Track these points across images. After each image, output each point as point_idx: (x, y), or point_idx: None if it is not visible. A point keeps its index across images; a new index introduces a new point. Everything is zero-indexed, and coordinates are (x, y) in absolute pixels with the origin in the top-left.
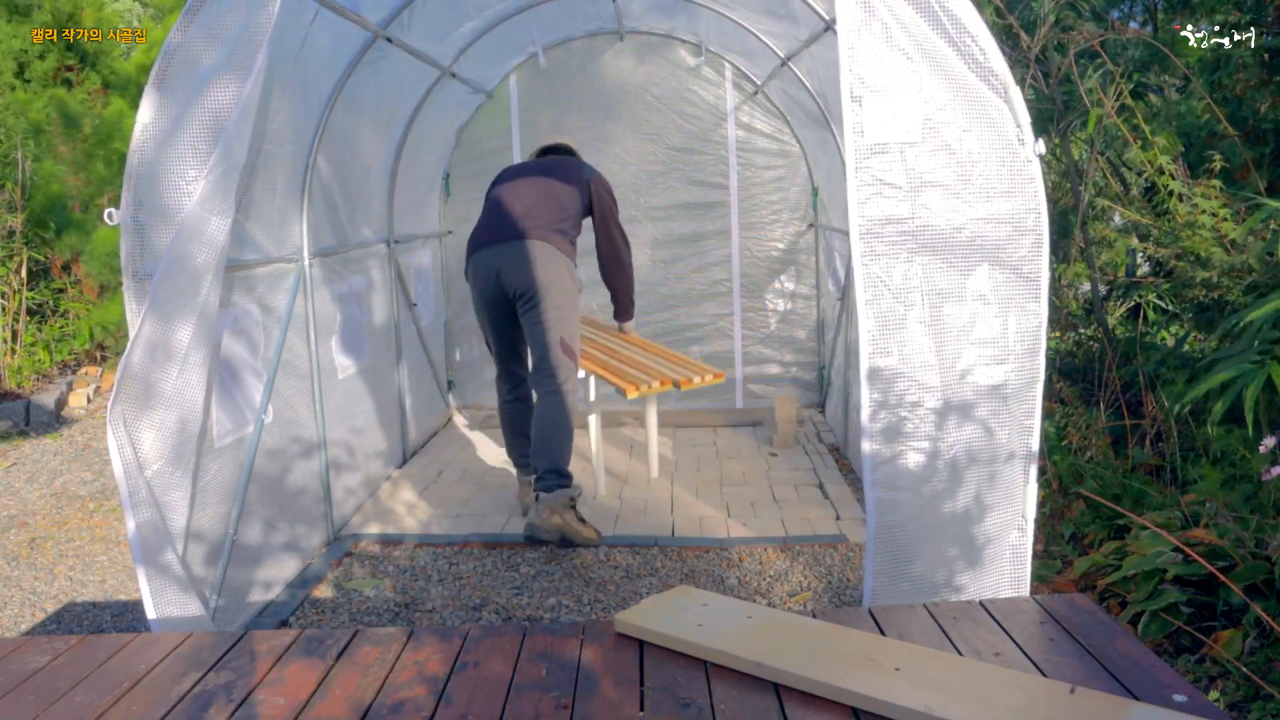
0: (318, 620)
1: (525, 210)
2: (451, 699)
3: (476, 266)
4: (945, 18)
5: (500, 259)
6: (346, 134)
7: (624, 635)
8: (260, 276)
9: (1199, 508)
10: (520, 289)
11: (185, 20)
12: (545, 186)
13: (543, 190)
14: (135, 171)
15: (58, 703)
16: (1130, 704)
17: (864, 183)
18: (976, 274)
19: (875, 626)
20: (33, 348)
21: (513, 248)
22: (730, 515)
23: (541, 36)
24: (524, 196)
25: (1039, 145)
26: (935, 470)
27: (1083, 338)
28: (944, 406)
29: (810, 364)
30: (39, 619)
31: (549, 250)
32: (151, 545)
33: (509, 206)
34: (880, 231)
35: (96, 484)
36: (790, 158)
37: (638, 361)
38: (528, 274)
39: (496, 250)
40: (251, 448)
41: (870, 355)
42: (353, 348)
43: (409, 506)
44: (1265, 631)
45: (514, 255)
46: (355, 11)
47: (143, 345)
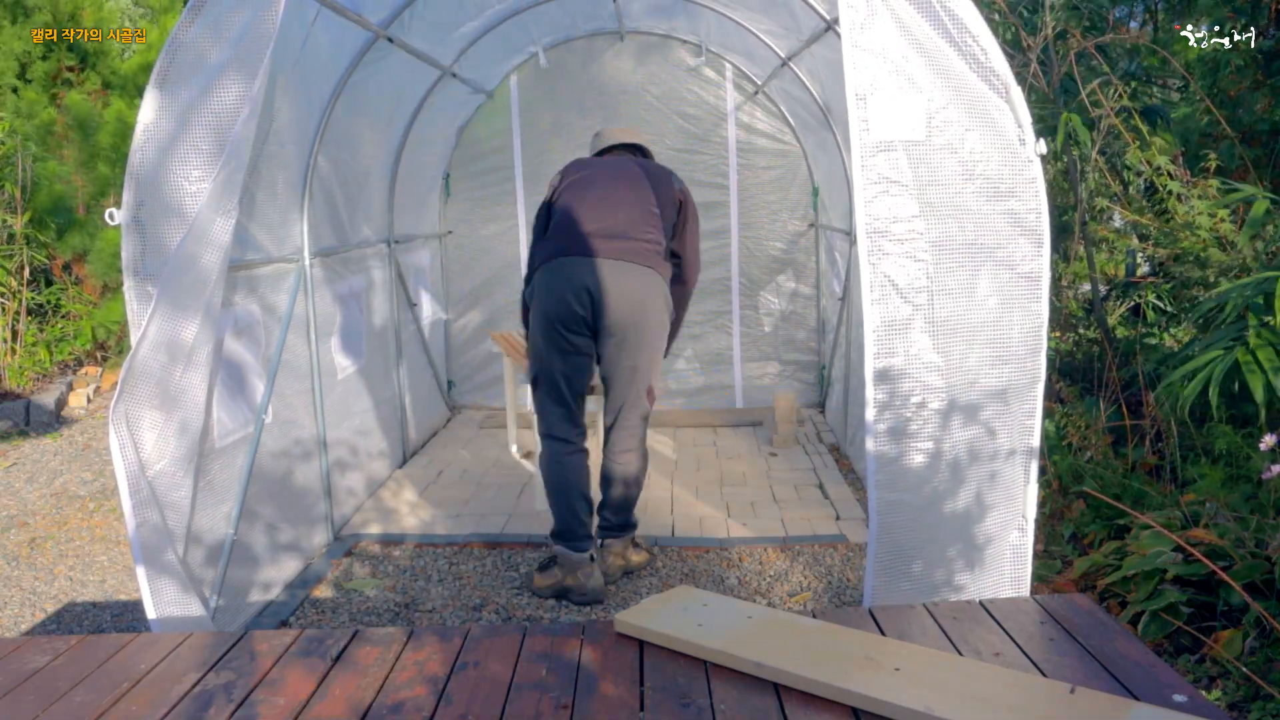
0: (318, 620)
1: (629, 223)
2: (451, 699)
3: (557, 278)
4: (947, 17)
5: (598, 277)
6: (347, 134)
7: (624, 635)
8: (261, 276)
9: (1199, 507)
10: (617, 321)
11: (188, 19)
12: (644, 196)
13: (644, 201)
14: (137, 171)
15: (58, 703)
16: (1130, 704)
17: (870, 180)
18: (978, 274)
19: (875, 626)
20: (33, 348)
21: (618, 269)
22: (730, 515)
23: (542, 36)
24: (624, 205)
25: (1040, 145)
26: (937, 470)
27: (1082, 338)
28: (947, 407)
29: (810, 364)
30: (39, 619)
31: (657, 281)
32: (152, 545)
33: (605, 213)
34: (887, 230)
35: (96, 484)
36: (790, 158)
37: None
38: (632, 305)
39: (593, 266)
40: (252, 448)
41: (875, 355)
42: (353, 348)
43: (409, 506)
44: (1265, 631)
45: (619, 279)
46: (356, 11)
47: (148, 345)
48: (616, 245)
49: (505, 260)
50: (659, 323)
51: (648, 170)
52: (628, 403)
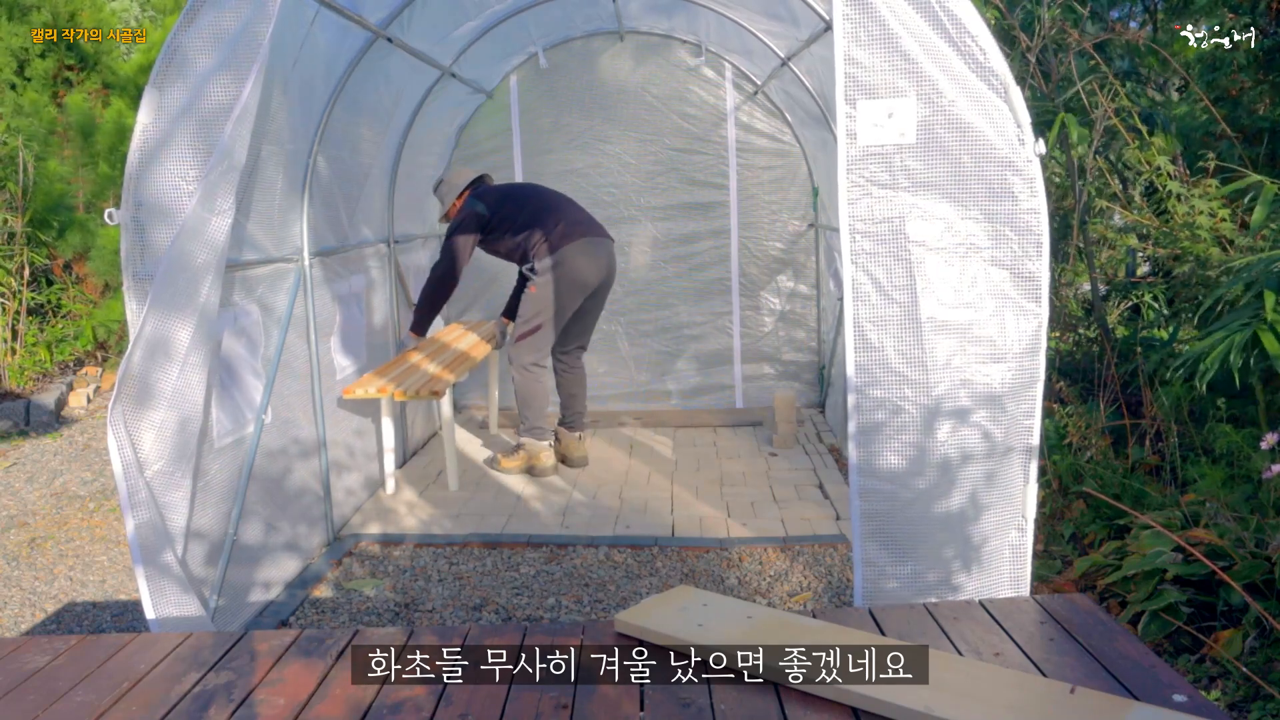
0: (318, 620)
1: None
2: (451, 699)
3: (593, 252)
4: (945, 18)
5: (611, 254)
6: (347, 134)
7: (624, 635)
8: (260, 276)
9: (1199, 507)
10: (609, 281)
11: (185, 21)
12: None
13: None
14: (135, 171)
15: (58, 703)
16: (1130, 704)
17: (854, 183)
18: (973, 274)
19: (875, 626)
20: (34, 348)
21: (611, 246)
22: (730, 515)
23: (541, 37)
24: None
25: (1039, 145)
26: (925, 468)
27: (1082, 338)
28: (937, 404)
29: (810, 364)
30: (39, 619)
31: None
32: (151, 545)
33: (578, 208)
34: (869, 230)
35: (96, 484)
36: (790, 158)
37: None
38: (613, 273)
39: (608, 245)
40: (251, 448)
41: (855, 349)
42: (352, 348)
43: (409, 506)
44: (1265, 631)
45: (612, 253)
46: (355, 12)
47: (144, 345)
48: (602, 229)
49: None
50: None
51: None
52: (588, 333)
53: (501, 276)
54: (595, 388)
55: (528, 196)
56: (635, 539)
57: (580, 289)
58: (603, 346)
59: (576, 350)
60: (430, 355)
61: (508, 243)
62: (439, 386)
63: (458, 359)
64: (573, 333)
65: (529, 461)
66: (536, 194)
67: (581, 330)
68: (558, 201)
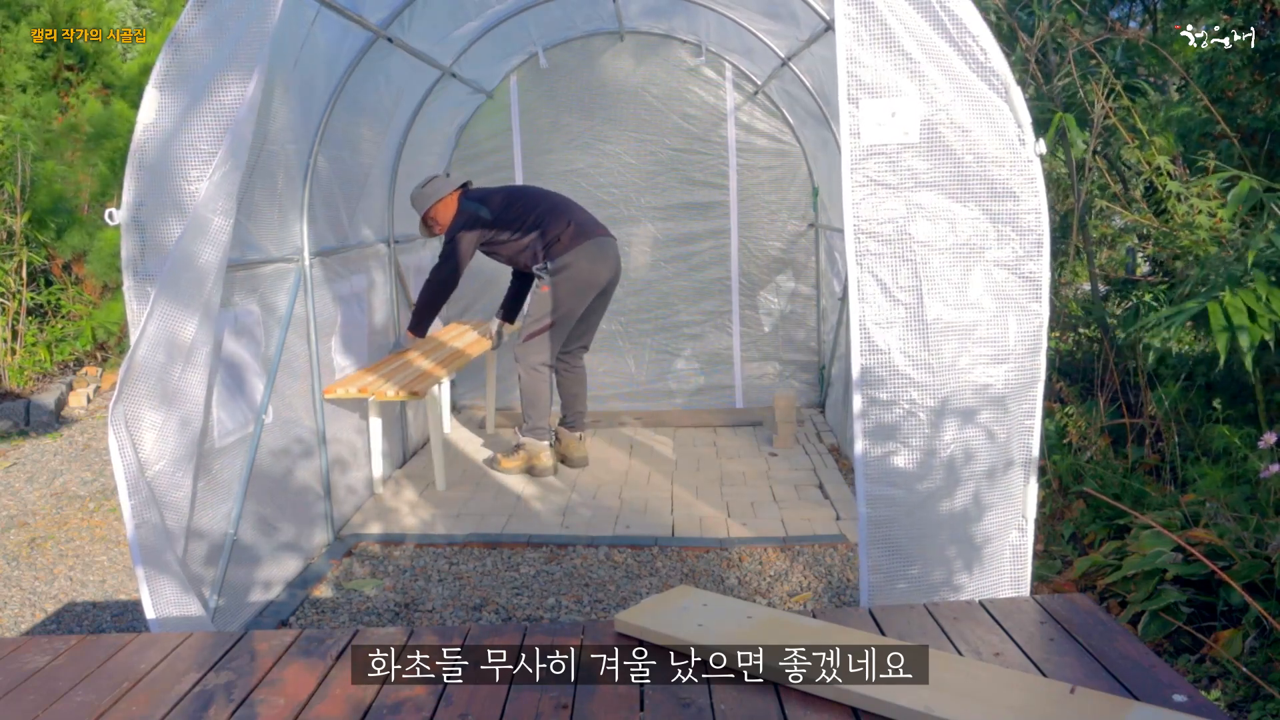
0: (318, 620)
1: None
2: (451, 699)
3: (603, 252)
4: (946, 18)
5: (618, 253)
6: (347, 134)
7: (624, 635)
8: (261, 276)
9: (1199, 507)
10: (616, 280)
11: (187, 19)
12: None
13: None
14: (136, 171)
15: (58, 703)
16: (1130, 704)
17: (858, 183)
18: (974, 274)
19: (875, 626)
20: (33, 348)
21: (617, 247)
22: (730, 515)
23: (541, 37)
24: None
25: (1040, 145)
26: (930, 469)
27: (1082, 338)
28: (939, 406)
29: (810, 364)
30: (39, 619)
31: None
32: (151, 546)
33: (582, 209)
34: (875, 231)
35: (96, 484)
36: (790, 158)
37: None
38: (620, 269)
39: (615, 245)
40: (252, 447)
41: (861, 353)
42: (353, 348)
43: (409, 506)
44: (1265, 631)
45: (619, 253)
46: (356, 12)
47: (147, 344)
48: (605, 229)
49: (506, 263)
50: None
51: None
52: (591, 332)
53: (500, 278)
54: (595, 388)
55: (533, 198)
56: (635, 539)
57: (591, 289)
58: (603, 346)
59: (579, 350)
60: (423, 354)
61: (513, 245)
62: (418, 387)
63: (450, 356)
64: (577, 333)
65: (529, 461)
66: (543, 196)
67: (585, 330)
68: (564, 203)
